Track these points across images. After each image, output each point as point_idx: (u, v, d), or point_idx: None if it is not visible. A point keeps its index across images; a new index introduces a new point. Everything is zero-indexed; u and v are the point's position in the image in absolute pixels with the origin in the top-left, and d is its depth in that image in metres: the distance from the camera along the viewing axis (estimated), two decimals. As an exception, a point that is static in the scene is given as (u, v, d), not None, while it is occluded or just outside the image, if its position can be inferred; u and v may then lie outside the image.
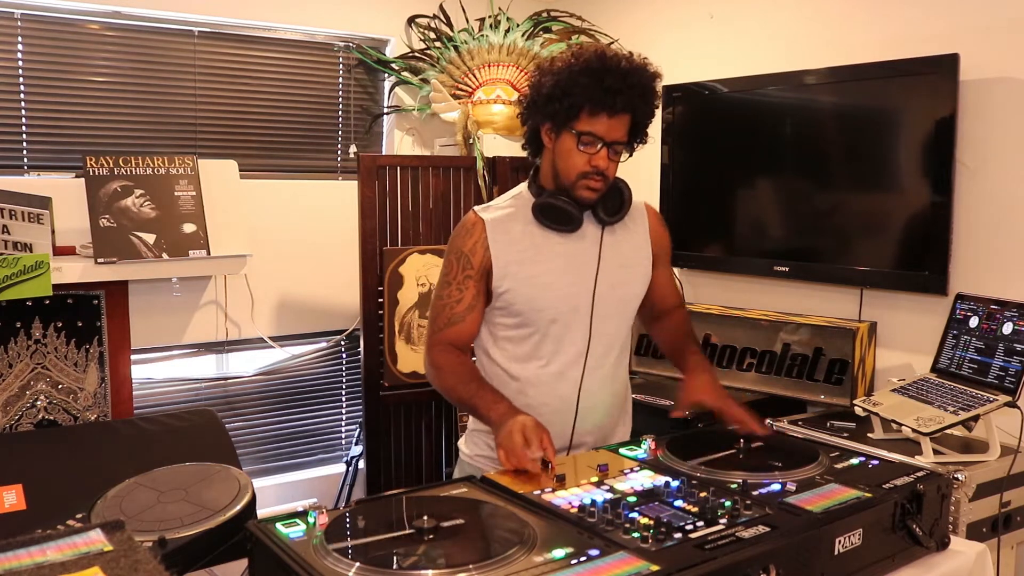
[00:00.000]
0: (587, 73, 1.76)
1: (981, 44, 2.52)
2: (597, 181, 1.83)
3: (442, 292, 1.89)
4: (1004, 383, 2.16)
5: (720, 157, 3.20)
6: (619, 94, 1.76)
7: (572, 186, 1.83)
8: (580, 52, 1.81)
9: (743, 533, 1.30)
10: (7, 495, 2.03)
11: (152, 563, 1.12)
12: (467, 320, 1.88)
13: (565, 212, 1.85)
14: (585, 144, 1.79)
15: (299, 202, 3.49)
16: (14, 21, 2.93)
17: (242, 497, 1.92)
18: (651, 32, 3.60)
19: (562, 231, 1.87)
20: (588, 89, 1.75)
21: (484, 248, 1.85)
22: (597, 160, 1.80)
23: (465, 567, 1.19)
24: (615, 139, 1.81)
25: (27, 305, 2.50)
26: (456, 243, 1.89)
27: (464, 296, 1.86)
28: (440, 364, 1.87)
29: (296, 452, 3.62)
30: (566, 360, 1.88)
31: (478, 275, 1.86)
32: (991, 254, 2.55)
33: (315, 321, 3.57)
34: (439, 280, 1.92)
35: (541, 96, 1.82)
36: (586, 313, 1.88)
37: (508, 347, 1.91)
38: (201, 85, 3.28)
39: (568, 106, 1.77)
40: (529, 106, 1.88)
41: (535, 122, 1.88)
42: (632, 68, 1.79)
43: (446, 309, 1.88)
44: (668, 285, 2.08)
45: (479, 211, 1.91)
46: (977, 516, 2.08)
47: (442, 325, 1.88)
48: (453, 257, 1.88)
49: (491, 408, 1.74)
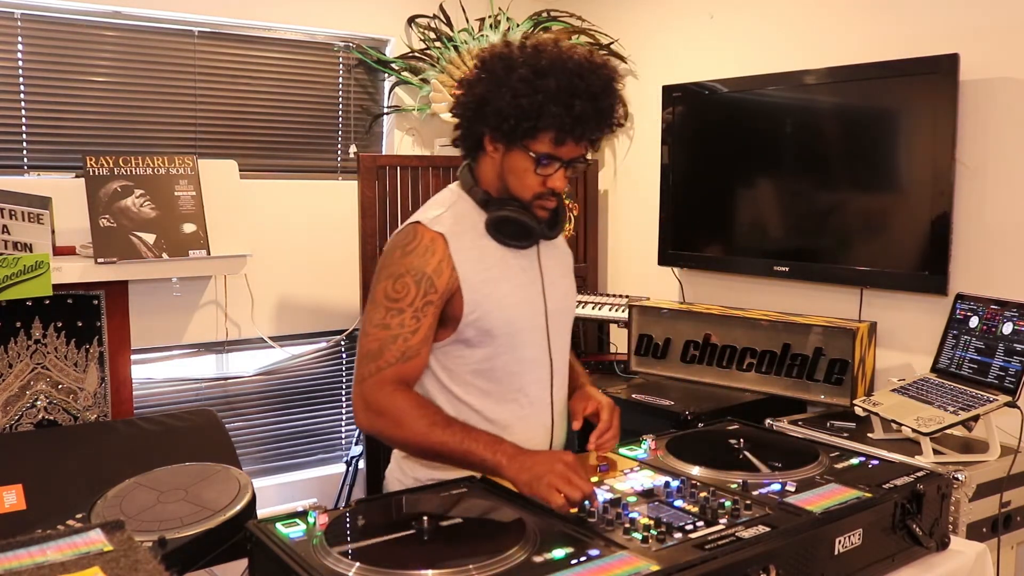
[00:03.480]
0: (556, 97, 1.55)
1: (981, 44, 2.52)
2: (552, 201, 1.68)
3: (389, 320, 1.60)
4: (1004, 383, 2.16)
5: (720, 157, 3.20)
6: (590, 121, 1.59)
7: (526, 205, 1.66)
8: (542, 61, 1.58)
9: (743, 533, 1.30)
10: (7, 495, 2.03)
11: (152, 563, 1.12)
12: (422, 355, 1.62)
13: (527, 228, 1.67)
14: (543, 165, 1.61)
15: (299, 202, 3.49)
16: (14, 21, 2.93)
17: (242, 497, 1.92)
18: (651, 32, 3.60)
19: (515, 246, 1.69)
20: (556, 117, 1.56)
21: (451, 268, 1.61)
22: (555, 182, 1.64)
23: (465, 567, 1.18)
24: (574, 157, 1.64)
25: (27, 305, 2.50)
26: (413, 262, 1.61)
27: (421, 326, 1.60)
28: (399, 407, 1.58)
29: (296, 452, 3.62)
30: (538, 385, 1.73)
31: (440, 300, 1.62)
32: (991, 254, 2.55)
33: (315, 321, 3.57)
34: (382, 305, 1.61)
35: (491, 108, 1.60)
36: (543, 330, 1.73)
37: (479, 383, 1.68)
38: (201, 85, 3.28)
39: (528, 128, 1.58)
40: (471, 111, 1.66)
41: (478, 129, 1.66)
42: (604, 87, 1.60)
43: (398, 340, 1.59)
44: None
45: (429, 224, 1.65)
46: (977, 516, 2.08)
47: (393, 359, 1.59)
48: (411, 279, 1.60)
49: (497, 450, 1.52)
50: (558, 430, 1.79)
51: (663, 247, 3.37)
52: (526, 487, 1.46)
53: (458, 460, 1.56)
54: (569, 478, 1.42)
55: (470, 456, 1.54)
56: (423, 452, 1.62)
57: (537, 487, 1.44)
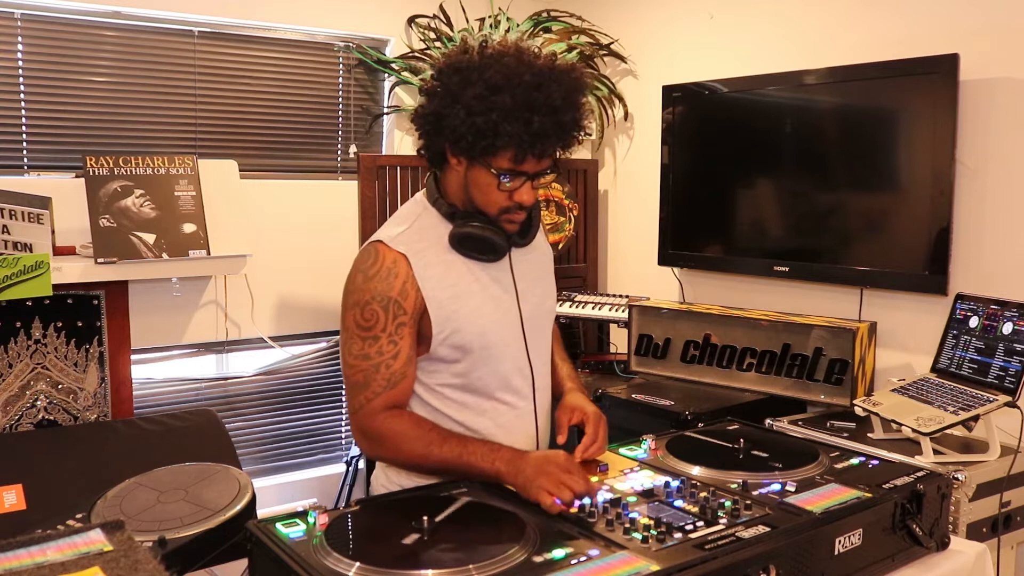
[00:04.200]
0: (511, 115, 1.47)
1: (981, 44, 2.52)
2: (521, 214, 1.62)
3: (367, 350, 1.57)
4: (1004, 383, 2.16)
5: (720, 157, 3.20)
6: (550, 136, 1.52)
7: (493, 219, 1.61)
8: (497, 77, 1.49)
9: (743, 533, 1.30)
10: (7, 495, 2.03)
11: (152, 563, 1.12)
12: (408, 375, 1.60)
13: (491, 243, 1.62)
14: (507, 180, 1.56)
15: (299, 202, 3.49)
16: (14, 21, 2.93)
17: (242, 497, 1.92)
18: (651, 32, 3.60)
19: (482, 260, 1.65)
20: (513, 136, 1.48)
21: (415, 289, 1.58)
22: (521, 196, 1.58)
23: (465, 567, 1.19)
24: (540, 170, 1.58)
25: (27, 305, 2.50)
26: (376, 287, 1.56)
27: (400, 348, 1.57)
28: (395, 432, 1.58)
29: (296, 452, 3.62)
30: (518, 394, 1.71)
31: (411, 321, 1.58)
32: (991, 254, 2.55)
33: (315, 321, 3.57)
34: (356, 336, 1.58)
35: (447, 125, 1.53)
36: (520, 339, 1.70)
37: (457, 396, 1.66)
38: (201, 85, 3.28)
39: (486, 146, 1.51)
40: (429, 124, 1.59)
41: (438, 142, 1.59)
42: (565, 98, 1.52)
43: (381, 368, 1.57)
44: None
45: (390, 243, 1.60)
46: (977, 516, 2.08)
47: (380, 388, 1.57)
48: (377, 305, 1.55)
49: (494, 458, 1.52)
50: (543, 436, 1.77)
51: (663, 247, 3.37)
52: (522, 491, 1.47)
53: (462, 474, 1.56)
54: (559, 479, 1.42)
55: (471, 469, 1.54)
56: (427, 471, 1.62)
57: (530, 490, 1.44)
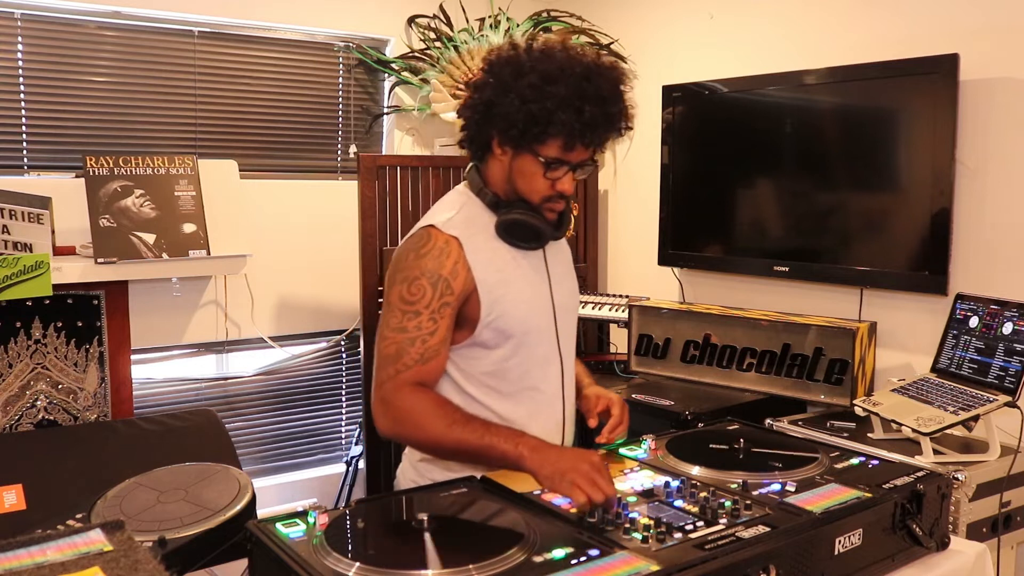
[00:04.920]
0: (565, 104, 1.55)
1: (981, 44, 2.52)
2: (561, 203, 1.69)
3: (406, 323, 1.60)
4: (1004, 383, 2.16)
5: (720, 157, 3.20)
6: (600, 126, 1.59)
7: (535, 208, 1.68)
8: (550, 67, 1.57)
9: (743, 533, 1.30)
10: (7, 495, 2.03)
11: (152, 563, 1.12)
12: (441, 355, 1.63)
13: (537, 230, 1.68)
14: (552, 169, 1.62)
15: (299, 202, 3.49)
16: (14, 21, 2.93)
17: (242, 497, 1.92)
18: (651, 32, 3.60)
19: (524, 248, 1.71)
20: (566, 125, 1.56)
21: (466, 270, 1.62)
22: (563, 185, 1.65)
23: (465, 567, 1.18)
24: (582, 160, 1.65)
25: (27, 305, 2.50)
26: (427, 265, 1.61)
27: (439, 327, 1.61)
28: (419, 407, 1.58)
29: (296, 452, 3.62)
30: (550, 382, 1.75)
31: (457, 302, 1.62)
32: (991, 254, 2.55)
33: (315, 321, 3.57)
34: (397, 309, 1.61)
35: (500, 113, 1.60)
36: (552, 328, 1.76)
37: (494, 383, 1.69)
38: (201, 85, 3.28)
39: (537, 133, 1.58)
40: (479, 114, 1.66)
41: (486, 131, 1.67)
42: (613, 90, 1.60)
43: (416, 343, 1.60)
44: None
45: (443, 227, 1.66)
46: (977, 516, 2.08)
47: (412, 362, 1.59)
48: (426, 281, 1.60)
49: (518, 442, 1.52)
50: (569, 425, 1.81)
51: (663, 247, 3.37)
52: (547, 481, 1.46)
53: (479, 456, 1.56)
54: (594, 479, 1.42)
55: (491, 451, 1.53)
56: (444, 452, 1.63)
57: (560, 483, 1.44)
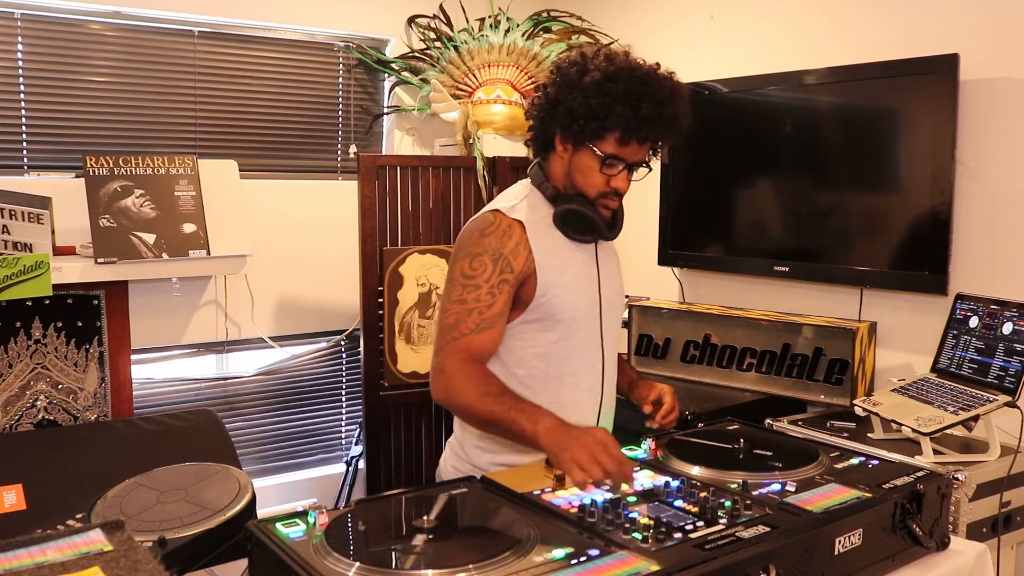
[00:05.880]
0: (623, 99, 1.66)
1: (981, 44, 2.52)
2: (615, 201, 1.79)
3: (466, 296, 1.70)
4: (1004, 383, 2.16)
5: (720, 157, 3.20)
6: (654, 124, 1.69)
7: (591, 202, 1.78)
8: (612, 68, 1.69)
9: (743, 533, 1.30)
10: (7, 495, 2.03)
11: (152, 563, 1.12)
12: (496, 327, 1.72)
13: (592, 223, 1.78)
14: (608, 165, 1.73)
15: (299, 202, 3.49)
16: (14, 21, 2.93)
17: (242, 497, 1.92)
18: (651, 32, 3.60)
19: (579, 240, 1.81)
20: (623, 118, 1.67)
21: (528, 252, 1.73)
22: (618, 182, 1.75)
23: (465, 567, 1.18)
24: (638, 160, 1.76)
25: (27, 305, 2.50)
26: (490, 243, 1.72)
27: (496, 301, 1.70)
28: (466, 373, 1.67)
29: (296, 452, 3.62)
30: (590, 371, 1.84)
31: (515, 280, 1.72)
32: (991, 254, 2.55)
33: (315, 321, 3.57)
34: (458, 283, 1.72)
35: (563, 108, 1.72)
36: (597, 320, 1.84)
37: (541, 365, 1.79)
38: (201, 85, 3.28)
39: (596, 128, 1.70)
40: (545, 111, 1.78)
41: (550, 129, 1.78)
42: (669, 95, 1.70)
43: (474, 313, 1.69)
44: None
45: (508, 212, 1.77)
46: (977, 516, 2.08)
47: (467, 330, 1.69)
48: (488, 258, 1.71)
49: (537, 419, 1.57)
50: (606, 417, 1.89)
51: (663, 247, 3.37)
52: (554, 459, 1.53)
53: (504, 430, 1.63)
54: (595, 455, 1.46)
55: (513, 426, 1.60)
56: (478, 420, 1.69)
57: (561, 460, 1.50)
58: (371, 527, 1.38)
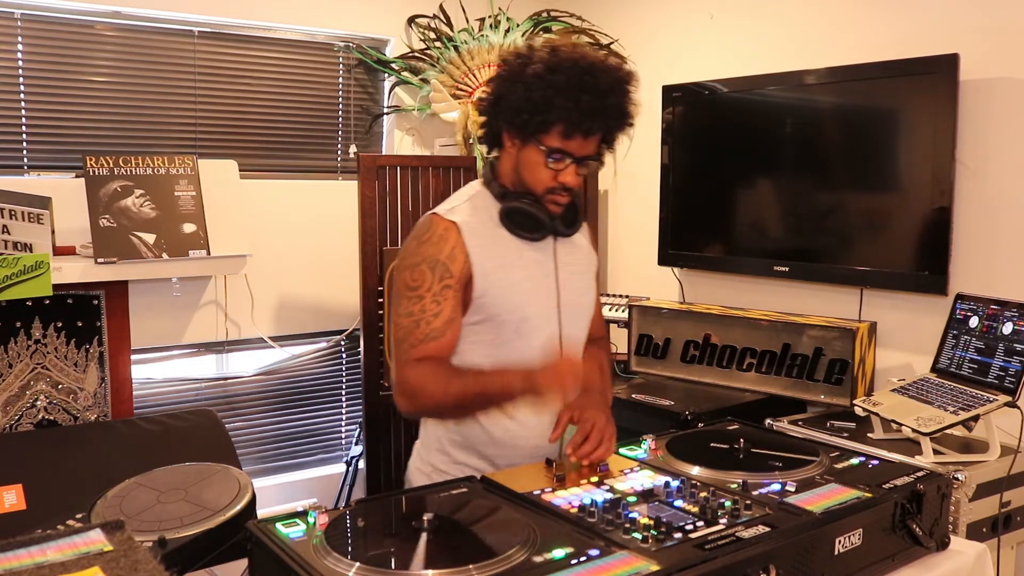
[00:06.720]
0: (564, 92, 1.61)
1: (981, 44, 2.52)
2: (564, 196, 1.74)
3: (411, 308, 1.68)
4: (1004, 383, 2.16)
5: (720, 157, 3.20)
6: (597, 116, 1.65)
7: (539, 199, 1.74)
8: (554, 60, 1.64)
9: (743, 533, 1.30)
10: (7, 495, 2.03)
11: (152, 563, 1.12)
12: (447, 335, 1.69)
13: (536, 220, 1.74)
14: (554, 160, 1.68)
15: (299, 202, 3.49)
16: (14, 21, 2.93)
17: (242, 497, 1.92)
18: (651, 32, 3.60)
19: (527, 239, 1.76)
20: (564, 110, 1.62)
21: (464, 255, 1.69)
22: (565, 177, 1.70)
23: (465, 567, 1.18)
24: (585, 155, 1.70)
25: (27, 305, 2.50)
26: (427, 251, 1.69)
27: (442, 309, 1.67)
28: (421, 376, 1.65)
29: (296, 452, 3.62)
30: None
31: (458, 284, 1.69)
32: (991, 254, 2.55)
33: (315, 321, 3.57)
34: (404, 296, 1.69)
35: (507, 103, 1.68)
36: (555, 321, 1.78)
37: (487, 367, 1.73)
38: (201, 85, 3.28)
39: (539, 122, 1.65)
40: (491, 107, 1.74)
41: (496, 125, 1.75)
42: (612, 85, 1.65)
43: (420, 325, 1.67)
44: (598, 310, 1.98)
45: (444, 214, 1.73)
46: (977, 516, 2.08)
47: (416, 342, 1.66)
48: (426, 267, 1.68)
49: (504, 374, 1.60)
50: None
51: (663, 247, 3.37)
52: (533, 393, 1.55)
53: (481, 402, 1.64)
54: (560, 372, 1.52)
55: (485, 391, 1.61)
56: (451, 407, 1.69)
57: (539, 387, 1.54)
58: (371, 527, 1.38)
